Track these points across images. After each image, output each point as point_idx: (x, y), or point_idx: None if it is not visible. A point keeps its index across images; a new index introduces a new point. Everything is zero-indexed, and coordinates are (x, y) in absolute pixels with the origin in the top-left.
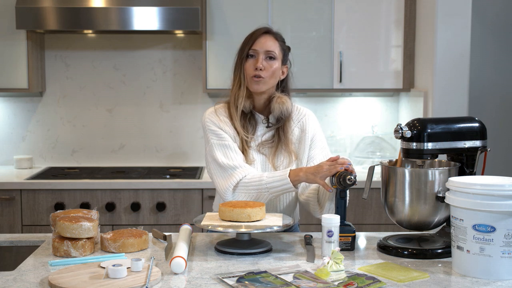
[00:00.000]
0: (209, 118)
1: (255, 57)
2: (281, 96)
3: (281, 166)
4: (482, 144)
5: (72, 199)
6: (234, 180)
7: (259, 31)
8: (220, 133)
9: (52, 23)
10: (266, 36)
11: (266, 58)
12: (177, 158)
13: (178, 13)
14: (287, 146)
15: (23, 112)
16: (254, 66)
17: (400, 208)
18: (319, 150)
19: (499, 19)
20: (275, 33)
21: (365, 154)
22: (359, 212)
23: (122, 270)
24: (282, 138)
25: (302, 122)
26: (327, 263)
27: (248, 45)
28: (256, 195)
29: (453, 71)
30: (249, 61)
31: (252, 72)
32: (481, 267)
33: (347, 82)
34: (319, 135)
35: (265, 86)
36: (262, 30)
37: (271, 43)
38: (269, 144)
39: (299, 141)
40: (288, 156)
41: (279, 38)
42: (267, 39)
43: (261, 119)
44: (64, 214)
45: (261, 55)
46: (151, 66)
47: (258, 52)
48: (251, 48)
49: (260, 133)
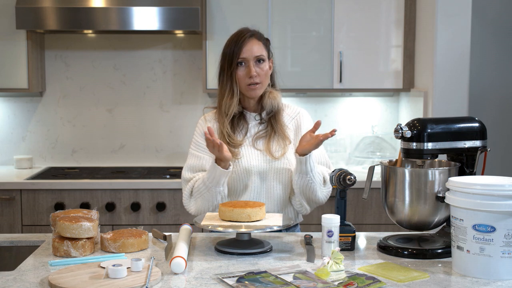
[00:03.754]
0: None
1: (245, 64)
2: (272, 91)
3: (277, 153)
4: (482, 144)
5: (72, 199)
6: (188, 189)
7: (242, 37)
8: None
9: (52, 23)
10: (251, 40)
11: (256, 63)
12: (177, 158)
13: (178, 13)
14: (281, 132)
15: (23, 112)
16: (247, 74)
17: (400, 208)
18: None
19: (499, 19)
20: (257, 34)
21: (365, 154)
22: (359, 212)
23: (122, 270)
24: (274, 126)
25: (297, 119)
26: (327, 263)
27: (236, 54)
28: (208, 194)
29: (453, 71)
30: (240, 69)
31: (246, 80)
32: (481, 267)
33: (347, 82)
34: None
35: (261, 90)
36: (245, 35)
37: (257, 47)
38: (263, 135)
39: (295, 136)
40: (282, 141)
41: (261, 38)
42: (253, 44)
43: (252, 116)
44: (64, 214)
45: (251, 61)
46: (151, 66)
47: (248, 59)
48: (239, 57)
49: (253, 129)
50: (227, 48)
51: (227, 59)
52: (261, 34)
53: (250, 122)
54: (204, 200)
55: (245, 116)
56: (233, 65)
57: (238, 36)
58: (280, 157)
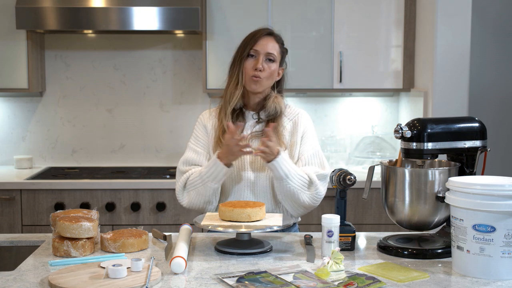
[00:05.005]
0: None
1: (255, 57)
2: (277, 96)
3: None
4: (482, 144)
5: (72, 199)
6: (182, 181)
7: (262, 32)
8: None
9: (52, 23)
10: (268, 37)
11: (266, 60)
12: (177, 158)
13: (178, 13)
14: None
15: (23, 112)
16: (253, 66)
17: (400, 208)
18: (308, 147)
19: (499, 19)
20: (276, 35)
21: (365, 154)
22: (359, 212)
23: (122, 270)
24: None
25: (295, 120)
26: (327, 263)
27: (250, 45)
28: (202, 188)
29: (453, 71)
30: (249, 60)
31: (251, 71)
32: (481, 267)
33: (347, 82)
34: (310, 133)
35: (261, 87)
36: (264, 31)
37: (272, 45)
38: (259, 136)
39: (291, 136)
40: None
41: (279, 41)
42: (268, 41)
43: (251, 114)
44: (64, 214)
45: (261, 56)
46: (151, 66)
47: (259, 52)
48: (252, 48)
49: (250, 128)
50: (243, 41)
51: (240, 50)
52: (280, 37)
53: (248, 121)
54: (197, 194)
55: (244, 113)
56: (244, 54)
57: (256, 31)
58: None
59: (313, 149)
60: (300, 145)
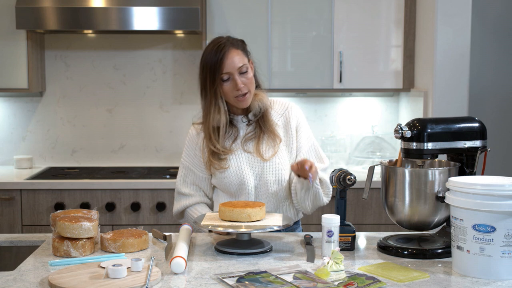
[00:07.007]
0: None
1: (230, 79)
2: (257, 93)
3: (268, 154)
4: (482, 144)
5: (72, 199)
6: (180, 207)
7: (221, 50)
8: (191, 155)
9: (52, 23)
10: (230, 52)
11: (240, 74)
12: (177, 158)
13: (178, 13)
14: (270, 131)
15: (23, 112)
16: (233, 88)
17: (400, 208)
18: (304, 140)
19: (499, 19)
20: (231, 42)
21: (365, 154)
22: (359, 212)
23: (122, 270)
24: (263, 126)
25: (286, 114)
26: (327, 263)
27: (218, 71)
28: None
29: (453, 71)
30: (226, 85)
31: (233, 93)
32: (481, 267)
33: (347, 82)
34: (303, 124)
35: (251, 97)
36: (223, 47)
37: (238, 57)
38: (252, 137)
39: (285, 132)
40: (272, 141)
41: (237, 45)
42: (232, 56)
43: (240, 118)
44: (64, 214)
45: (235, 75)
46: (151, 66)
47: (231, 73)
48: (222, 73)
49: (242, 132)
50: (205, 69)
51: (209, 75)
52: (236, 40)
53: (238, 126)
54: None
55: (233, 120)
56: (216, 82)
57: (216, 49)
58: (270, 158)
59: (309, 142)
60: (296, 138)
